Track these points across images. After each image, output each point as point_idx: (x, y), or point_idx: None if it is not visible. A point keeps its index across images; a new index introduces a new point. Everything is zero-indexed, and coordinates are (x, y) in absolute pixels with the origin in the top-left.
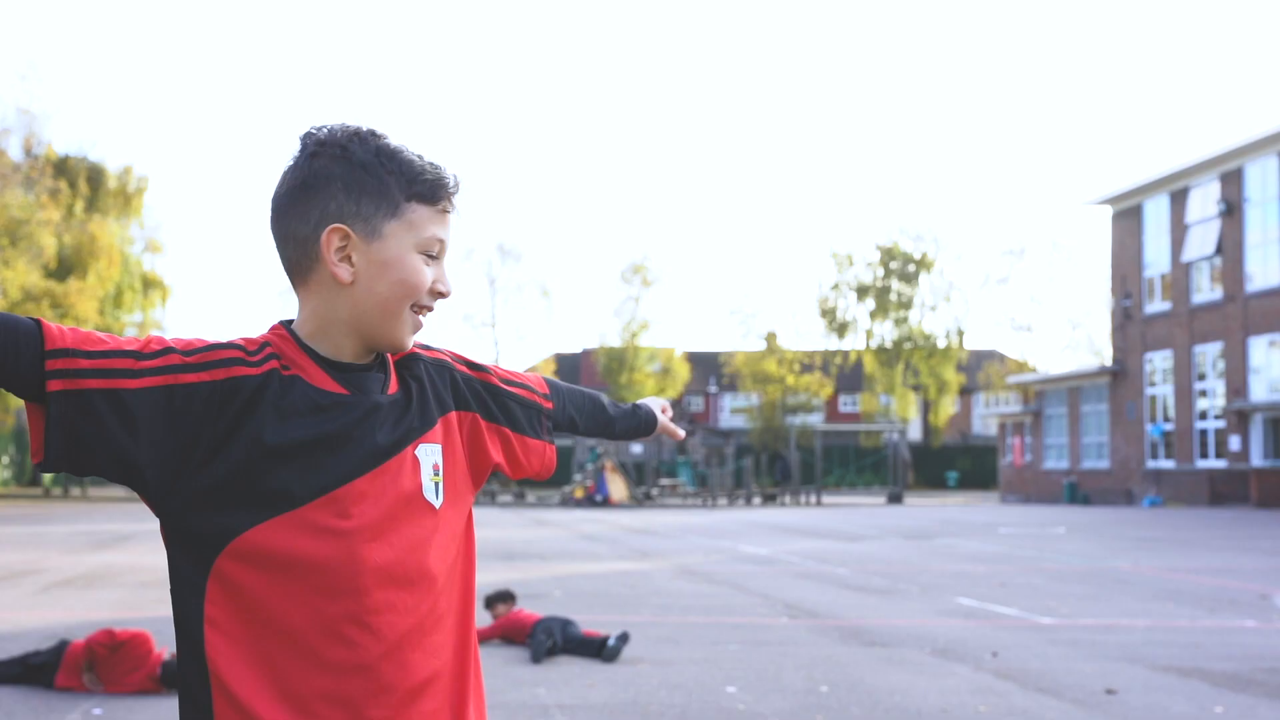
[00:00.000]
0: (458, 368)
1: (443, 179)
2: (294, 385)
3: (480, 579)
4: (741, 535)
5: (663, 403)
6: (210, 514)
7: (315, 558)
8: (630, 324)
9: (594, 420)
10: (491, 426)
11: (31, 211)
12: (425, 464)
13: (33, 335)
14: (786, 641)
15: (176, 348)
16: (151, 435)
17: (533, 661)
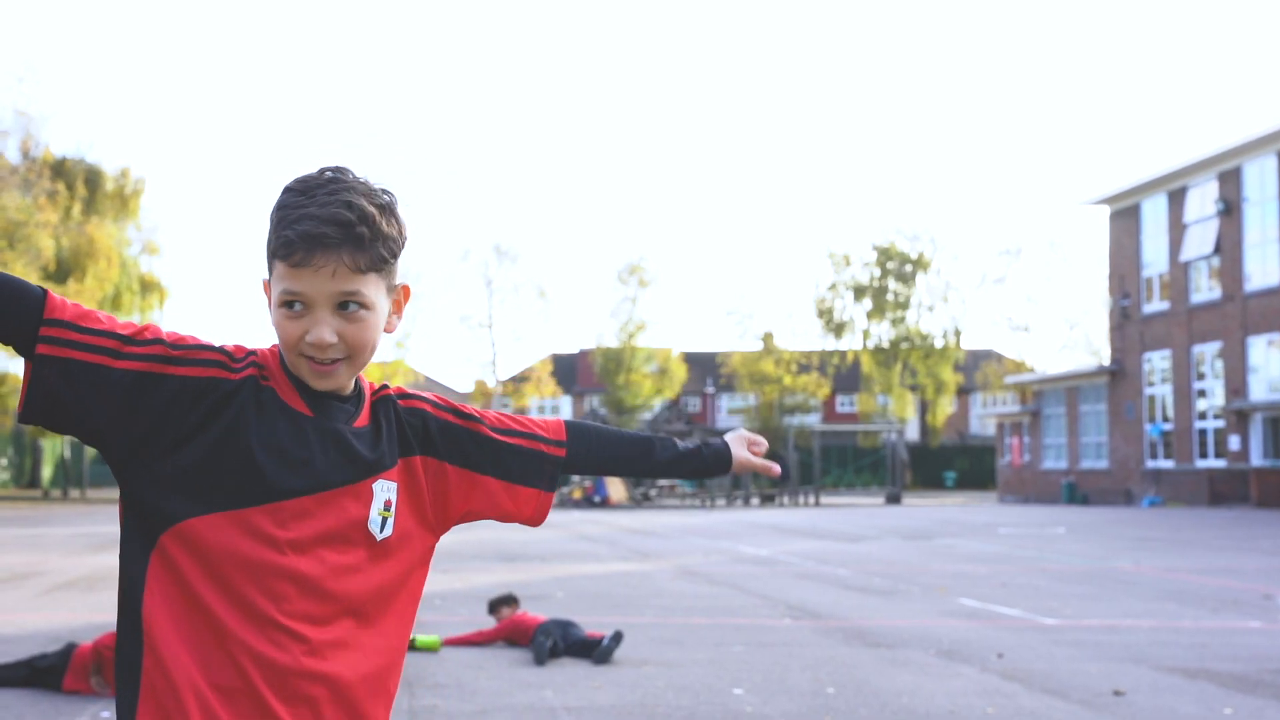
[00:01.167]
0: (439, 415)
1: (288, 238)
2: (267, 397)
3: (480, 580)
4: (740, 536)
5: (751, 436)
6: (165, 495)
7: (246, 558)
8: (627, 324)
9: (633, 464)
10: (464, 474)
11: (29, 214)
12: (378, 498)
13: (36, 302)
14: (791, 643)
15: (167, 340)
16: (121, 412)
17: (536, 664)
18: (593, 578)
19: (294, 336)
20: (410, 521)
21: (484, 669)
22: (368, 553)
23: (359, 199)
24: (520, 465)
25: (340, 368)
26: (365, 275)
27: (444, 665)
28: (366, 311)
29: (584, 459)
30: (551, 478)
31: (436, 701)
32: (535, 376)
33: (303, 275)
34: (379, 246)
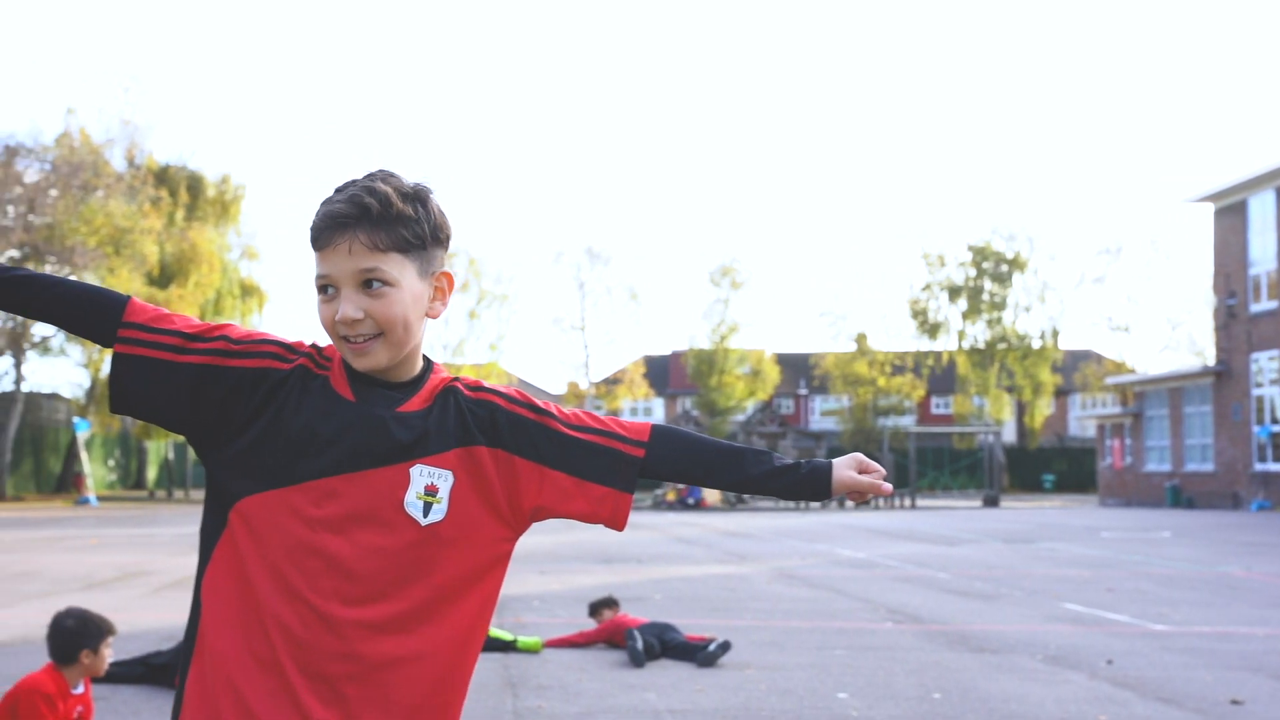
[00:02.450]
0: (511, 409)
1: (314, 224)
2: (317, 385)
3: (579, 581)
4: (837, 538)
5: (866, 461)
6: (230, 475)
7: (284, 534)
8: (720, 326)
9: (721, 475)
10: (534, 468)
11: (135, 220)
12: (417, 482)
13: (118, 307)
14: (893, 647)
15: (232, 337)
16: (188, 402)
17: (633, 665)
18: (690, 580)
19: (328, 319)
20: (476, 510)
21: (586, 670)
22: (411, 536)
23: (379, 185)
24: (593, 462)
25: (375, 346)
26: (386, 254)
27: (546, 667)
28: (390, 289)
29: (666, 463)
30: (627, 478)
31: (540, 703)
32: (628, 378)
33: (327, 257)
34: (399, 227)
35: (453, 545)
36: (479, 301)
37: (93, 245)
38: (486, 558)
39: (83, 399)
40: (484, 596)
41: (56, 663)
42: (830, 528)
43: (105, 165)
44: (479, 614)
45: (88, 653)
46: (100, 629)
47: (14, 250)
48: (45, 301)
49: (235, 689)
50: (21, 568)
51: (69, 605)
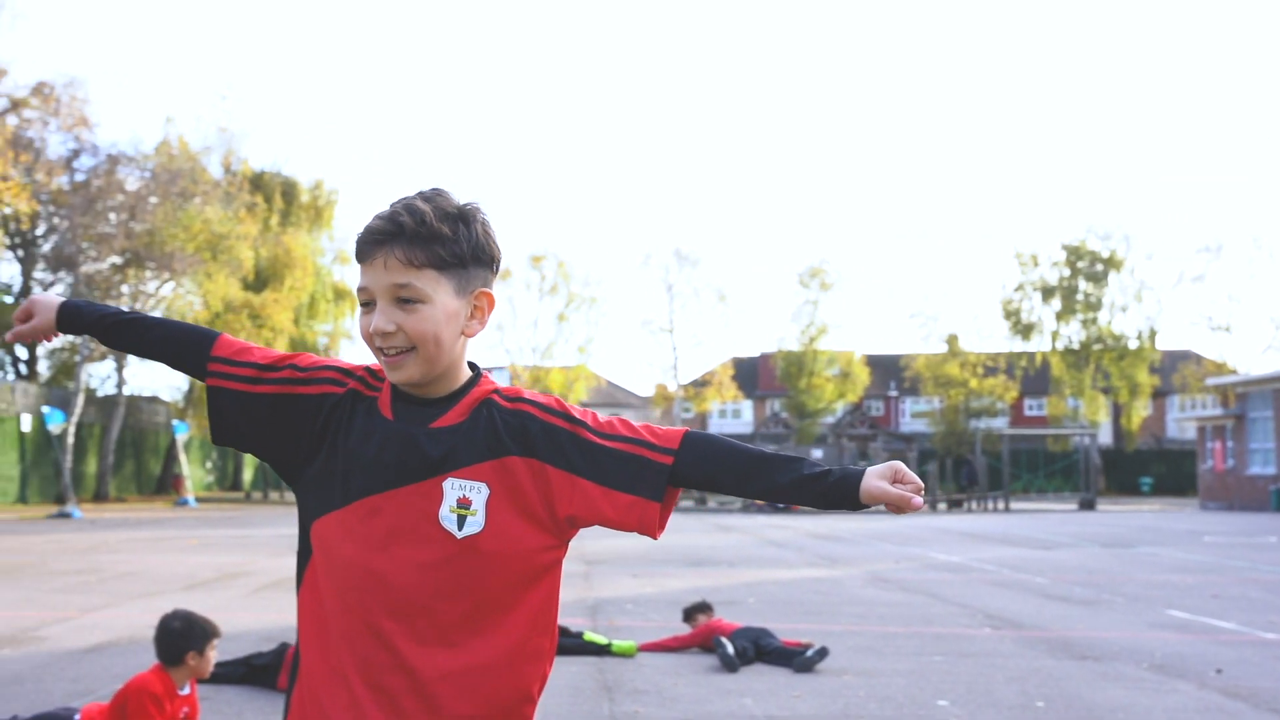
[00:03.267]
0: (544, 418)
1: (357, 238)
2: (364, 407)
3: (671, 585)
4: (930, 542)
5: (902, 471)
6: (308, 500)
7: (341, 554)
8: (809, 328)
9: (750, 483)
10: (565, 477)
11: (231, 226)
12: (450, 495)
13: (209, 342)
14: (993, 653)
15: (300, 365)
16: (267, 430)
17: (726, 670)
18: (783, 583)
19: (365, 331)
20: (514, 520)
21: (681, 675)
22: (449, 550)
23: (419, 203)
24: (620, 471)
25: (407, 360)
26: (421, 270)
27: (641, 671)
28: (423, 305)
29: (696, 470)
30: (655, 486)
31: (637, 708)
32: (716, 380)
33: (366, 271)
34: (435, 245)
35: (493, 557)
36: (568, 304)
37: (191, 251)
38: (531, 567)
39: (181, 402)
40: (535, 606)
41: (164, 663)
42: (923, 531)
43: (203, 172)
44: (531, 624)
45: (193, 654)
46: (205, 631)
47: (116, 257)
48: (150, 341)
49: (319, 702)
50: (125, 568)
51: (175, 608)
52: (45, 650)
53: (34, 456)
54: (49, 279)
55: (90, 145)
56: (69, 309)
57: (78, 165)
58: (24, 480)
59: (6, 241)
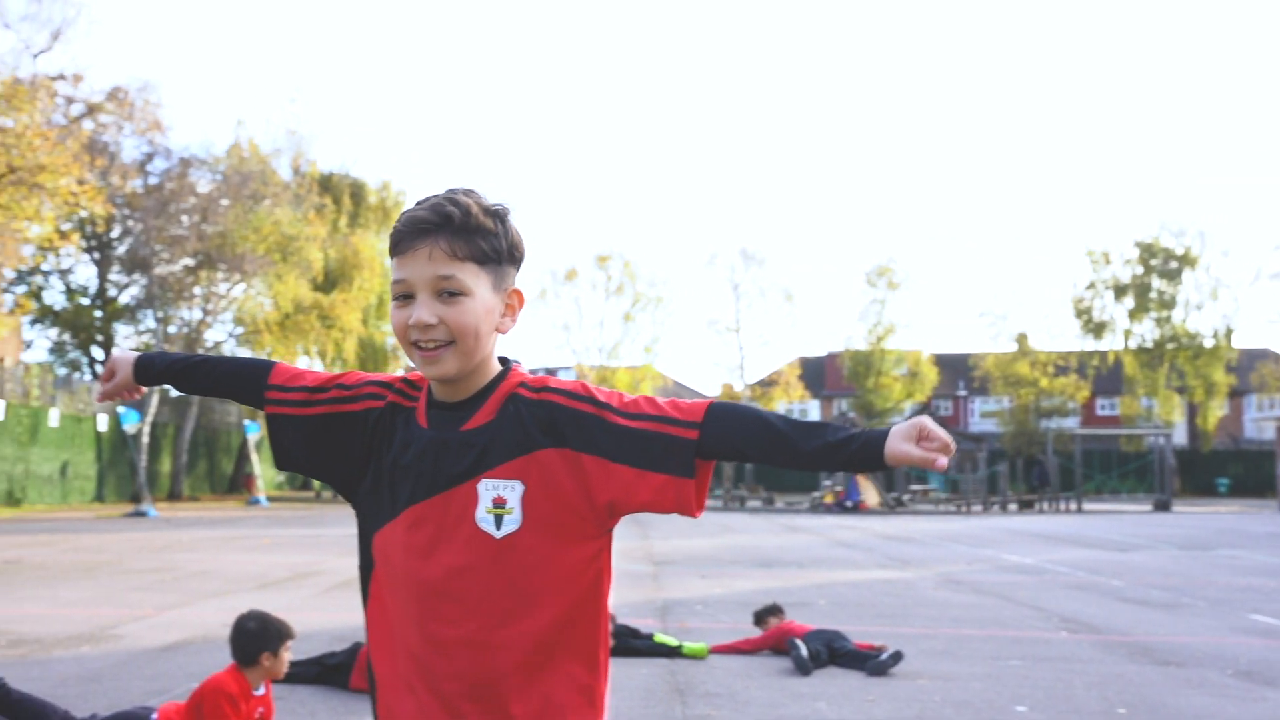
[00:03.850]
0: (571, 405)
1: (395, 229)
2: (405, 418)
3: (741, 586)
4: (1002, 543)
5: (927, 427)
6: (365, 515)
7: (396, 565)
8: (876, 327)
9: (775, 452)
10: (598, 463)
11: (300, 228)
12: (484, 497)
13: (266, 372)
14: (1071, 658)
15: (346, 383)
16: (321, 450)
17: (799, 674)
18: (854, 585)
19: (402, 324)
20: (552, 514)
21: (753, 678)
22: (490, 551)
23: (461, 197)
24: (649, 450)
25: (445, 354)
26: (463, 263)
27: (713, 674)
28: (465, 298)
29: (722, 443)
30: (684, 463)
31: (709, 711)
32: (783, 380)
33: (406, 262)
34: (477, 238)
35: (534, 553)
36: (634, 304)
37: (261, 252)
38: (575, 560)
39: None
40: (584, 598)
41: (239, 664)
42: (994, 532)
43: (272, 174)
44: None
45: (268, 655)
46: (280, 632)
47: (188, 258)
48: (216, 379)
49: (392, 713)
50: (199, 566)
51: (250, 608)
52: (123, 648)
53: (110, 456)
54: (124, 281)
55: (163, 149)
56: (143, 363)
57: (151, 169)
58: (101, 479)
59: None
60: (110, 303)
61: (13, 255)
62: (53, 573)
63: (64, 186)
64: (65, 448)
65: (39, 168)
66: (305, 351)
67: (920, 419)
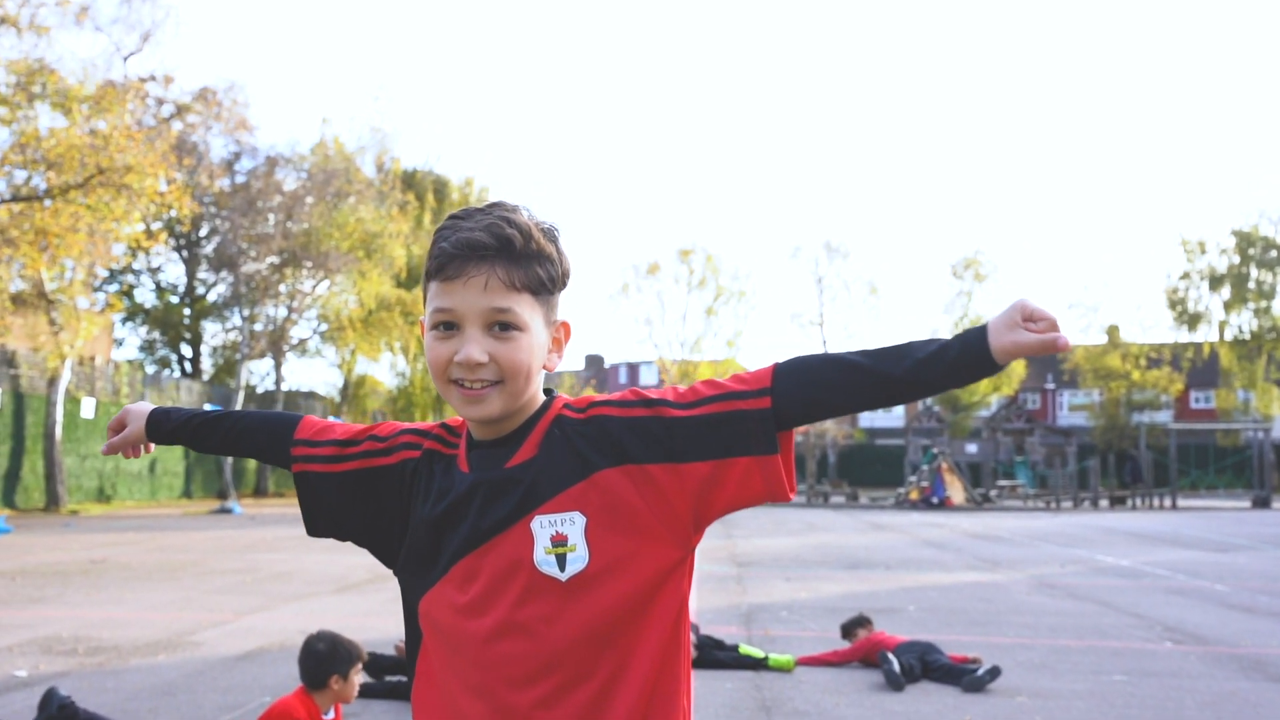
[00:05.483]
0: (623, 414)
1: (443, 249)
2: (444, 466)
3: (827, 590)
4: (1096, 543)
5: (1030, 308)
6: (407, 577)
7: (450, 629)
8: (962, 319)
9: (864, 389)
10: (668, 469)
11: (384, 225)
12: (541, 535)
13: (291, 427)
14: (1178, 673)
15: (379, 435)
16: (354, 510)
17: (891, 689)
18: (943, 589)
19: (443, 358)
20: (622, 543)
21: (843, 694)
22: (556, 596)
23: (518, 217)
24: (720, 435)
25: (491, 394)
26: (520, 294)
27: (800, 688)
28: (520, 333)
29: (799, 402)
30: (765, 437)
31: None
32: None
33: (454, 289)
34: (536, 266)
35: (607, 589)
36: (716, 298)
37: (345, 250)
38: (656, 589)
39: (337, 398)
40: (668, 627)
41: (307, 686)
42: (1086, 530)
43: (357, 172)
44: (667, 646)
45: (337, 678)
46: (350, 655)
47: (274, 256)
48: (237, 434)
49: None
50: (281, 567)
51: (320, 628)
52: (199, 657)
53: (196, 454)
54: (211, 279)
55: (250, 148)
56: (157, 417)
57: (238, 168)
58: (188, 476)
59: (172, 244)
60: (198, 300)
61: (104, 255)
62: (137, 573)
63: (150, 186)
64: None
65: (126, 168)
66: (388, 347)
67: (1018, 302)
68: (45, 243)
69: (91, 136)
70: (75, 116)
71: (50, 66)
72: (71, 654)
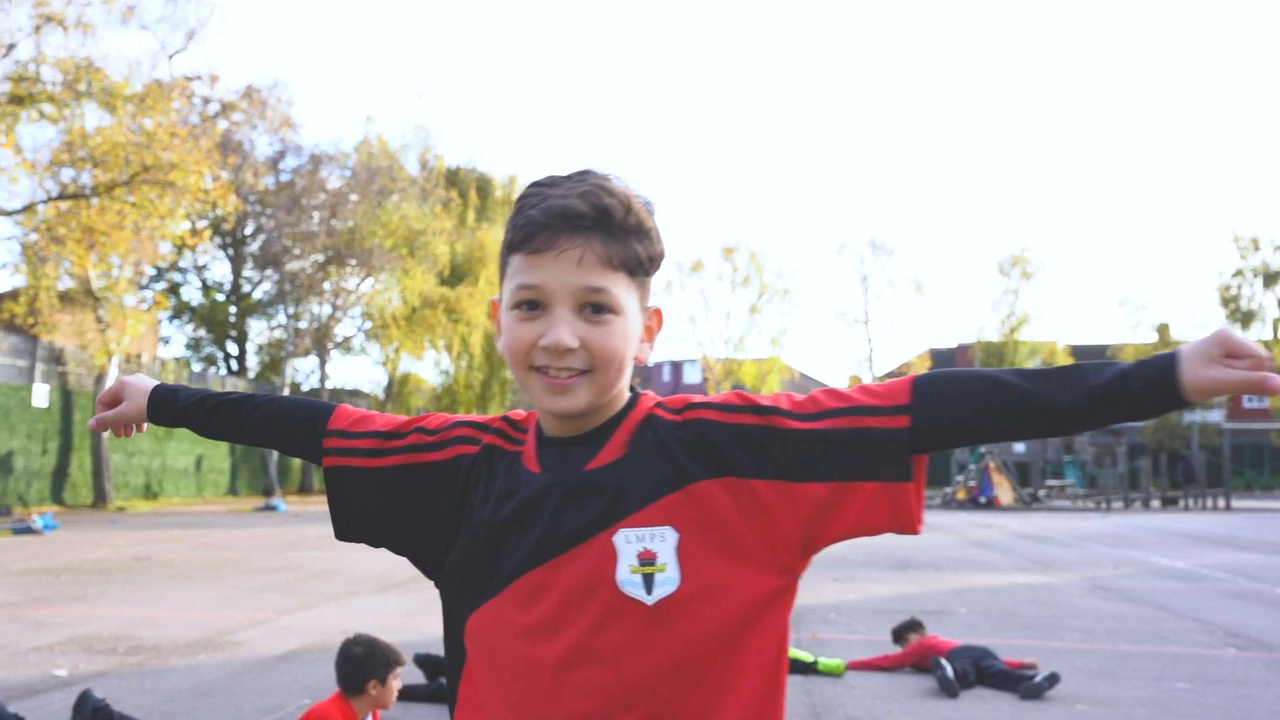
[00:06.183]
0: (729, 420)
1: (531, 218)
2: (508, 464)
3: (876, 591)
4: (1149, 544)
5: (1231, 341)
6: (454, 595)
7: (507, 653)
8: (1009, 317)
9: (1026, 417)
10: (778, 486)
11: (427, 222)
12: (627, 552)
13: (325, 416)
14: (1244, 680)
15: (428, 427)
16: (394, 511)
17: (945, 695)
18: (994, 591)
19: (526, 342)
20: (719, 566)
21: (896, 700)
22: (641, 623)
23: (616, 186)
24: (845, 455)
25: (579, 385)
26: (616, 272)
27: (851, 694)
28: (616, 317)
29: (942, 423)
30: (898, 461)
31: None
32: (913, 372)
33: (543, 263)
34: (634, 242)
35: (699, 617)
36: (760, 296)
37: (389, 247)
38: (754, 621)
39: (381, 396)
40: (766, 663)
41: (344, 692)
42: (1138, 531)
43: (400, 169)
44: (762, 684)
45: (375, 683)
46: (388, 659)
47: (318, 254)
48: (257, 421)
49: None
50: (324, 565)
51: (357, 632)
52: (239, 657)
53: (243, 450)
54: (257, 277)
55: (294, 146)
56: (162, 395)
57: (283, 166)
58: (234, 473)
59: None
60: (244, 298)
61: (150, 253)
62: (180, 571)
63: (194, 183)
64: (200, 442)
65: (171, 165)
66: (432, 345)
67: (1220, 330)
68: (92, 240)
69: (136, 134)
70: (120, 114)
71: (96, 65)
72: (112, 653)
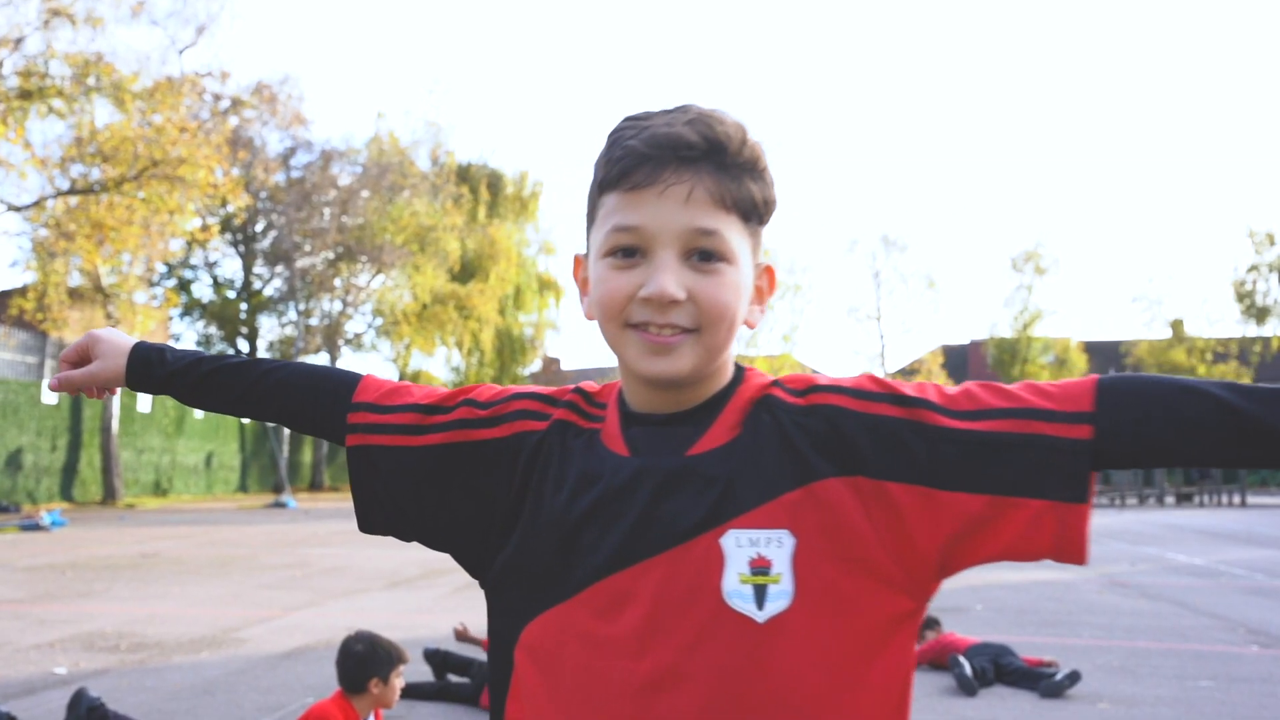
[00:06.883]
0: (864, 409)
1: (631, 148)
2: (585, 444)
3: None
4: (1165, 540)
5: None
6: (506, 598)
7: (572, 668)
8: (1022, 314)
9: (1216, 440)
10: (918, 493)
11: (438, 218)
12: (736, 558)
13: (350, 386)
14: (1268, 678)
15: (479, 400)
16: (434, 498)
17: (963, 693)
18: (1011, 587)
19: (622, 294)
20: (840, 580)
21: (915, 699)
22: (748, 644)
23: (728, 117)
24: (1008, 463)
25: (683, 344)
26: (730, 215)
27: None
28: (728, 266)
29: (1133, 439)
30: (1074, 477)
31: None
32: (925, 369)
33: (644, 201)
34: (749, 181)
35: (813, 640)
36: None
37: (399, 243)
38: (876, 652)
39: None
40: (891, 695)
41: (345, 690)
42: (1153, 527)
43: (411, 166)
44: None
45: (377, 682)
46: (390, 657)
47: (329, 251)
48: (265, 391)
49: None
50: (332, 562)
51: (359, 629)
52: (242, 655)
53: (253, 447)
54: (267, 274)
55: (305, 142)
56: (146, 355)
57: (293, 162)
58: (244, 470)
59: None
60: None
61: (160, 249)
62: (187, 567)
63: (203, 178)
64: (210, 439)
65: (179, 161)
66: (443, 341)
67: None
68: (101, 236)
69: (145, 129)
70: (129, 109)
71: (105, 59)
72: (113, 651)
